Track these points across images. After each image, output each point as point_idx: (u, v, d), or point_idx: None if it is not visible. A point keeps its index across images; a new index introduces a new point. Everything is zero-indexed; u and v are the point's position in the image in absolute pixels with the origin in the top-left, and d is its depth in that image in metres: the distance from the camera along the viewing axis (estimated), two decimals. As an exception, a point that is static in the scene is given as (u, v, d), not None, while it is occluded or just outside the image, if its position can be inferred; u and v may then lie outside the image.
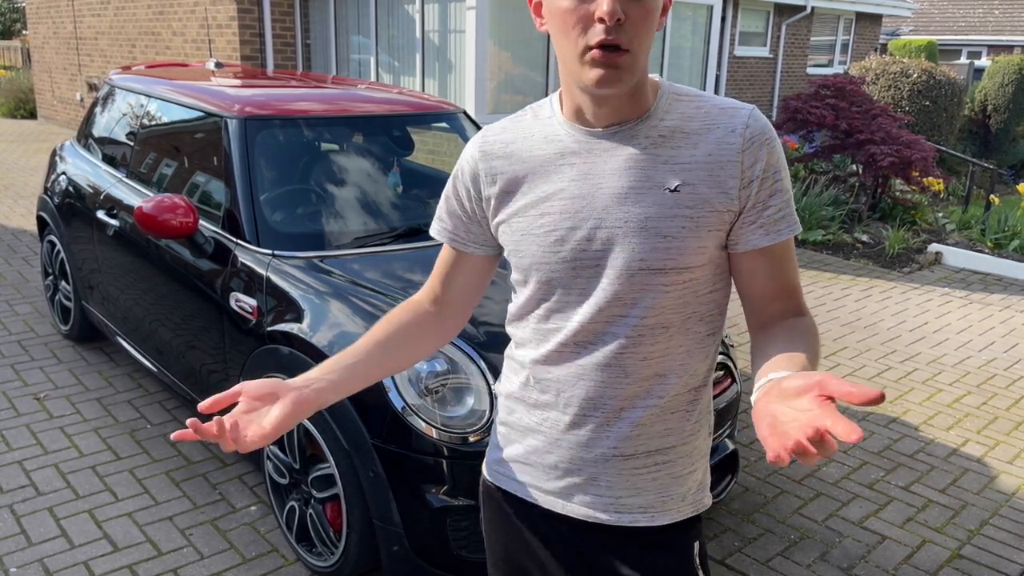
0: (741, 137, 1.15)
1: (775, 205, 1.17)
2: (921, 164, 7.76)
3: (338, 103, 3.45)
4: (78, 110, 12.69)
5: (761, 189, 1.16)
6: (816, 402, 0.91)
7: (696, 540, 1.33)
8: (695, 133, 1.17)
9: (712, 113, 1.18)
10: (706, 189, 1.15)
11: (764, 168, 1.15)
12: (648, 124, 1.18)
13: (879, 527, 3.11)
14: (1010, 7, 24.25)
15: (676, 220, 1.16)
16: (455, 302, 1.41)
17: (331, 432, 2.41)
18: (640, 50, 1.11)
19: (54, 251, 4.48)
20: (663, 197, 1.16)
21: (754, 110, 1.18)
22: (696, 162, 1.16)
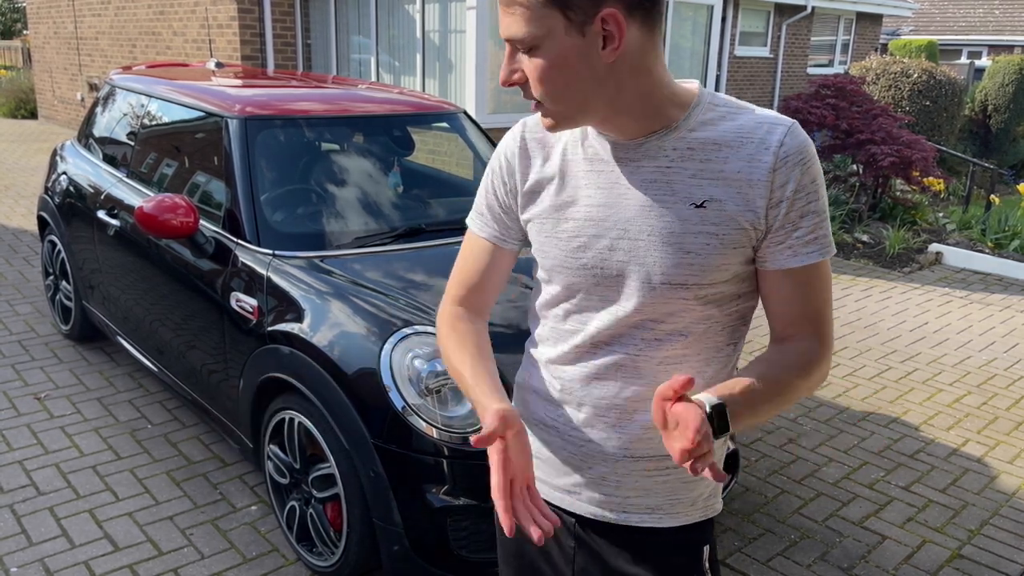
0: (774, 155, 1.11)
1: (805, 227, 1.13)
2: (921, 164, 7.76)
3: (339, 103, 3.45)
4: (79, 110, 12.69)
5: (791, 210, 1.12)
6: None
7: (706, 543, 1.32)
8: (727, 146, 1.13)
9: (747, 127, 1.13)
10: (733, 206, 1.12)
11: (796, 189, 1.11)
12: (676, 135, 1.14)
13: (879, 527, 3.11)
14: (1010, 7, 24.24)
15: (701, 236, 1.13)
16: (487, 302, 1.37)
17: (331, 432, 2.42)
18: (553, 100, 1.09)
19: (55, 251, 4.48)
20: (688, 212, 1.13)
21: (793, 126, 1.13)
22: (725, 177, 1.12)
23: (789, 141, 1.11)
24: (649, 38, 1.09)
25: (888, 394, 4.32)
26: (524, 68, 1.09)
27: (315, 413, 2.49)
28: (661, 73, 1.12)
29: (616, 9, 1.03)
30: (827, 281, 1.17)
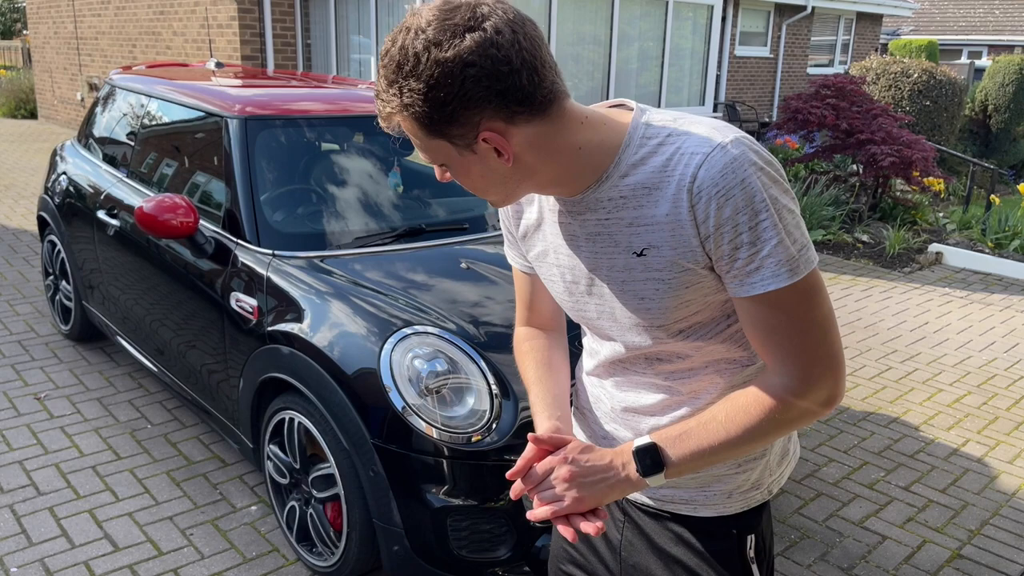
0: (688, 193, 1.06)
1: (743, 257, 1.06)
2: (922, 164, 7.76)
3: (339, 103, 3.45)
4: (78, 110, 12.69)
5: (720, 244, 1.06)
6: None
7: (751, 533, 1.32)
8: (655, 188, 1.09)
9: (672, 161, 1.08)
10: (671, 251, 1.10)
11: (716, 224, 1.05)
12: (608, 184, 1.13)
13: (879, 527, 3.11)
14: (1010, 7, 24.25)
15: (649, 283, 1.14)
16: (548, 318, 1.48)
17: (331, 432, 2.42)
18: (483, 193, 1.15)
19: (55, 251, 4.48)
20: (632, 262, 1.14)
21: (711, 154, 1.05)
22: (658, 223, 1.10)
23: (702, 174, 1.05)
24: (547, 123, 1.07)
25: (888, 394, 4.32)
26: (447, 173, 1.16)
27: (315, 413, 2.49)
28: (578, 137, 1.10)
29: (493, 126, 1.04)
30: (798, 311, 1.08)
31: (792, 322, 1.08)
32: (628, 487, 1.15)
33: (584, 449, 1.18)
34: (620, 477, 1.15)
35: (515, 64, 1.01)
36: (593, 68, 8.43)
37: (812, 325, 1.09)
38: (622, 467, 1.15)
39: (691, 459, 1.14)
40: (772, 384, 1.12)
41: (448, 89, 1.00)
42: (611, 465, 1.16)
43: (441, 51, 0.99)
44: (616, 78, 8.57)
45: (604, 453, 1.17)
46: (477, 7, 1.02)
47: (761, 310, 1.09)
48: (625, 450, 1.17)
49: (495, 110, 1.03)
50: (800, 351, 1.09)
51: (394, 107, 1.05)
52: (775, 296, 1.07)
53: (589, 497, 1.15)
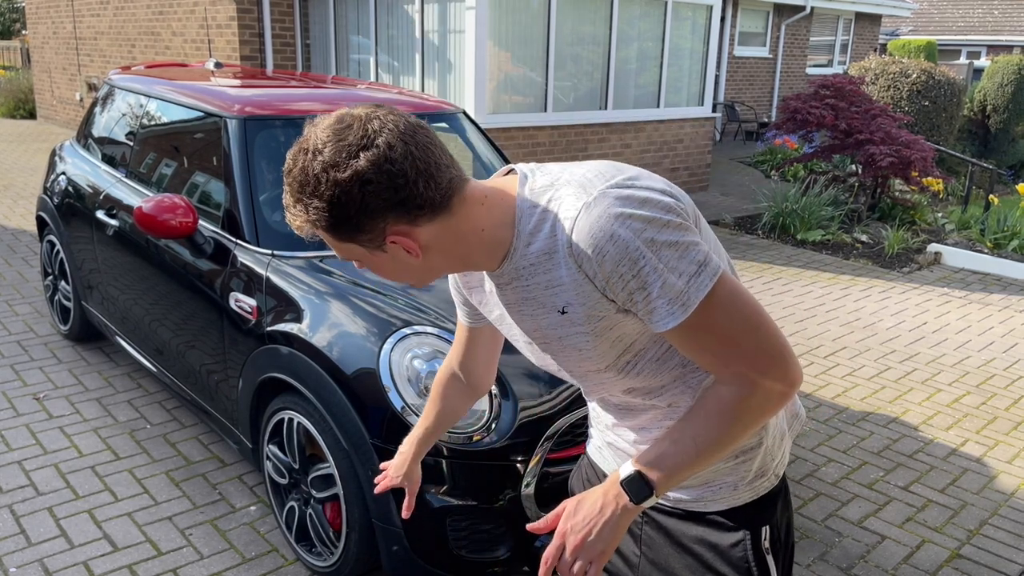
0: (572, 258, 1.12)
1: (640, 300, 1.10)
2: (920, 164, 7.77)
3: (338, 103, 3.45)
4: (78, 110, 12.69)
5: (617, 292, 1.11)
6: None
7: (765, 524, 1.36)
8: (552, 252, 1.14)
9: (555, 228, 1.13)
10: (582, 307, 1.16)
11: (604, 277, 1.10)
12: (518, 256, 1.18)
13: (879, 527, 3.11)
14: (1009, 7, 24.26)
15: (578, 336, 1.20)
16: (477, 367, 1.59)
17: (331, 432, 2.42)
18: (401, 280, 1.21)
19: (54, 251, 4.48)
20: (559, 319, 1.20)
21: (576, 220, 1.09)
22: (564, 283, 1.16)
23: (575, 239, 1.10)
24: (449, 216, 1.13)
25: (887, 394, 4.32)
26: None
27: (314, 413, 2.49)
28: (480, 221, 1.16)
29: (398, 229, 1.10)
30: (714, 329, 1.12)
31: (715, 339, 1.12)
32: (628, 517, 1.20)
33: (575, 510, 1.21)
34: (619, 512, 1.19)
35: (410, 176, 1.07)
36: (592, 68, 8.43)
37: (736, 333, 1.11)
38: (615, 502, 1.19)
39: (673, 476, 1.19)
40: (723, 394, 1.15)
41: (349, 205, 1.07)
42: (605, 505, 1.20)
43: (339, 172, 1.05)
44: (615, 78, 8.58)
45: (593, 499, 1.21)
46: (368, 123, 1.07)
47: (679, 340, 1.14)
48: (612, 485, 1.20)
49: (397, 216, 1.09)
50: (735, 359, 1.12)
51: (303, 220, 1.11)
52: (686, 326, 1.11)
53: (608, 545, 1.20)
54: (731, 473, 1.33)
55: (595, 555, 1.20)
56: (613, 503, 1.20)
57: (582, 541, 1.19)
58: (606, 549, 1.20)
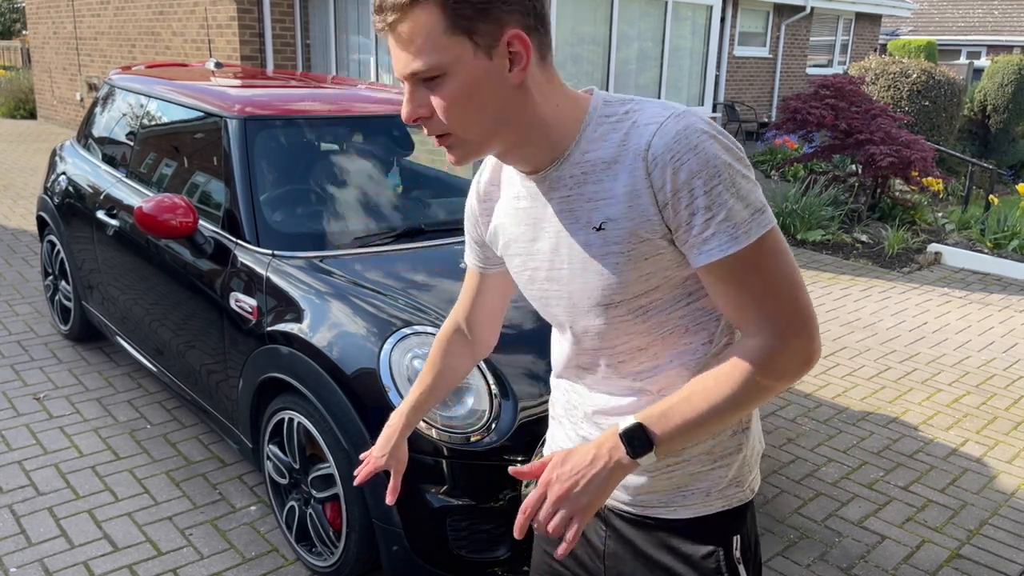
0: (644, 161, 1.09)
1: (698, 223, 1.08)
2: (920, 164, 7.77)
3: (338, 103, 3.45)
4: (78, 110, 12.69)
5: (678, 210, 1.09)
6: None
7: (736, 534, 1.30)
8: (614, 162, 1.12)
9: (630, 134, 1.11)
10: (628, 222, 1.12)
11: (673, 189, 1.07)
12: (571, 161, 1.15)
13: (879, 527, 3.11)
14: (1009, 7, 24.26)
15: (609, 257, 1.15)
16: (482, 319, 1.52)
17: (331, 432, 2.42)
18: (464, 129, 1.10)
19: (54, 251, 4.48)
20: (592, 237, 1.15)
21: (664, 123, 1.09)
22: (616, 195, 1.12)
23: (657, 142, 1.08)
24: (544, 63, 1.12)
25: (887, 394, 4.32)
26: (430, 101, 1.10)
27: (314, 413, 2.49)
28: (558, 96, 1.15)
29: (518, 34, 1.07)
30: (762, 272, 1.10)
31: (758, 283, 1.10)
32: (621, 473, 1.14)
33: (563, 460, 1.15)
34: (610, 466, 1.13)
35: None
36: (592, 68, 8.43)
37: (778, 284, 1.10)
38: (609, 455, 1.13)
39: (679, 433, 1.13)
40: (750, 347, 1.13)
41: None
42: (597, 457, 1.13)
43: None
44: (615, 78, 8.58)
45: (584, 450, 1.15)
46: None
47: (725, 275, 1.11)
48: (608, 437, 1.14)
49: (521, 18, 1.07)
50: (772, 310, 1.11)
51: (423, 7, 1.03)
52: (736, 260, 1.09)
53: (593, 499, 1.13)
54: (706, 478, 1.28)
55: (578, 509, 1.13)
56: (606, 456, 1.13)
57: (567, 491, 1.13)
58: (591, 504, 1.13)
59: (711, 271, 1.11)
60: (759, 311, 1.11)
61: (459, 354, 1.54)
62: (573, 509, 1.13)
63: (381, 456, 1.55)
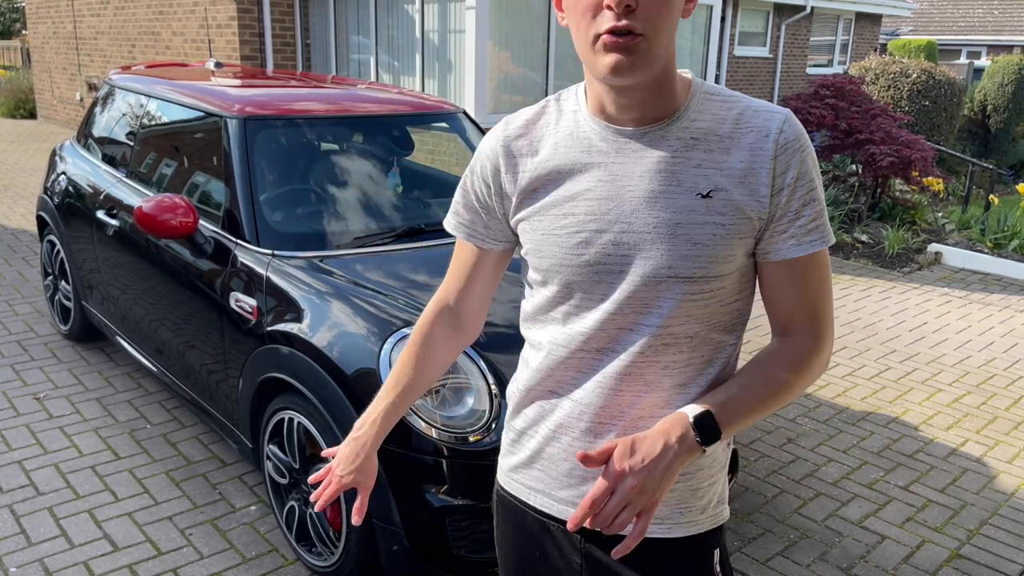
0: (775, 143, 1.12)
1: (808, 215, 1.13)
2: (921, 164, 7.77)
3: (338, 103, 3.45)
4: (78, 110, 12.69)
5: (792, 198, 1.12)
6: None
7: (716, 547, 1.29)
8: (728, 136, 1.13)
9: (746, 115, 1.14)
10: (738, 196, 1.12)
11: (796, 176, 1.12)
12: (680, 125, 1.14)
13: (879, 527, 3.11)
14: (1010, 7, 24.26)
15: (708, 227, 1.12)
16: (473, 303, 1.39)
17: (331, 432, 2.42)
18: (656, 36, 1.06)
19: (54, 251, 4.48)
20: (695, 203, 1.12)
21: (789, 115, 1.14)
22: (729, 167, 1.12)
23: (788, 129, 1.13)
24: None
25: (887, 394, 4.32)
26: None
27: (314, 413, 2.49)
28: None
29: None
30: (827, 271, 1.18)
31: (823, 282, 1.18)
32: (687, 460, 1.11)
33: (631, 449, 1.09)
34: (680, 452, 1.10)
35: None
36: (592, 68, 8.44)
37: (829, 289, 1.19)
38: (678, 444, 1.10)
39: (737, 423, 1.15)
40: (799, 343, 1.18)
41: None
42: (667, 447, 1.09)
43: None
44: (615, 78, 8.58)
45: (652, 439, 1.10)
46: None
47: (808, 269, 1.16)
48: (677, 423, 1.11)
49: None
50: (822, 309, 1.18)
51: None
52: (819, 257, 1.16)
53: (659, 493, 1.09)
54: (704, 494, 1.26)
55: (649, 503, 1.08)
56: (675, 445, 1.09)
57: (641, 483, 1.07)
58: (657, 498, 1.09)
59: (794, 265, 1.15)
60: (813, 309, 1.18)
61: (444, 344, 1.40)
62: (645, 503, 1.08)
63: (346, 474, 1.39)
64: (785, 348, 1.18)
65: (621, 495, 1.07)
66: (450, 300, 1.39)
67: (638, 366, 1.18)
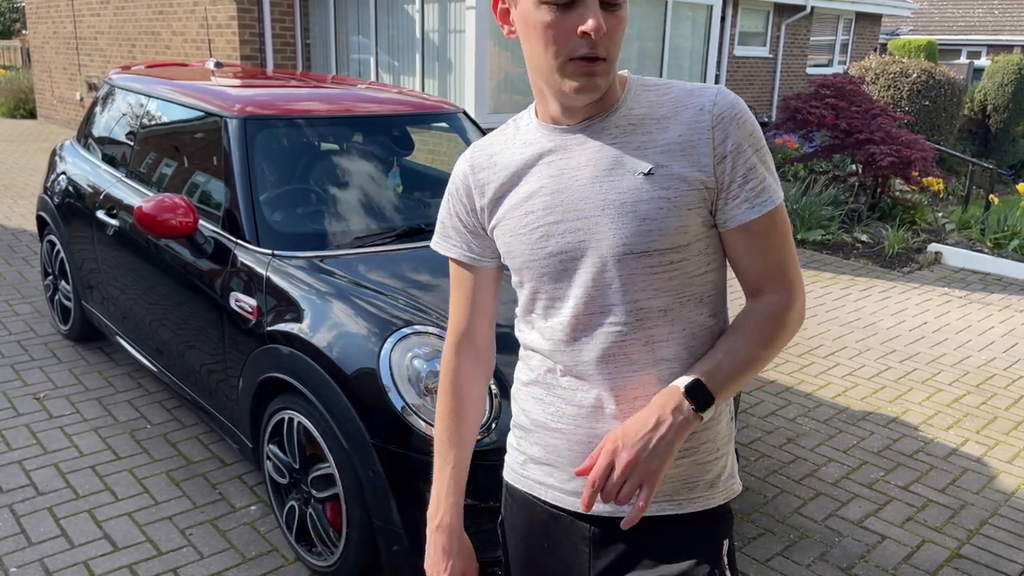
0: (710, 115, 1.18)
1: (756, 178, 1.19)
2: (921, 164, 7.76)
3: (338, 103, 3.45)
4: (78, 110, 12.68)
5: (737, 164, 1.18)
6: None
7: (726, 538, 1.30)
8: (664, 118, 1.20)
9: (680, 96, 1.21)
10: (679, 169, 1.17)
11: (736, 143, 1.17)
12: (618, 115, 1.21)
13: (879, 527, 3.11)
14: (1010, 7, 24.25)
15: (654, 202, 1.17)
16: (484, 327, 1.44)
17: (331, 432, 2.42)
18: (614, 57, 1.16)
19: (54, 251, 4.48)
20: (637, 181, 1.18)
21: (721, 89, 1.20)
22: (668, 143, 1.18)
23: (721, 100, 1.19)
24: None
25: (887, 394, 4.32)
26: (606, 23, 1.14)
27: (314, 413, 2.49)
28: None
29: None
30: (786, 227, 1.23)
31: (780, 243, 1.22)
32: (686, 430, 1.16)
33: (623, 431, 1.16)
34: (676, 423, 1.15)
35: None
36: (592, 68, 8.43)
37: (791, 246, 1.24)
38: (672, 416, 1.15)
39: (728, 387, 1.19)
40: (774, 301, 1.22)
41: None
42: (661, 420, 1.15)
43: None
44: (615, 78, 8.58)
45: (644, 416, 1.16)
46: None
47: (764, 230, 1.20)
48: (667, 398, 1.16)
49: None
50: (788, 265, 1.23)
51: None
52: (774, 215, 1.21)
53: (663, 463, 1.14)
54: (711, 468, 1.28)
55: (649, 474, 1.13)
56: (670, 417, 1.14)
57: (636, 456, 1.13)
58: (660, 468, 1.13)
59: (750, 228, 1.20)
60: (780, 268, 1.22)
61: (472, 377, 1.43)
62: (643, 475, 1.13)
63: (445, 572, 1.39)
64: (760, 307, 1.22)
65: (619, 470, 1.13)
66: (463, 329, 1.43)
67: (620, 346, 1.23)
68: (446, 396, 1.43)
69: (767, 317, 1.22)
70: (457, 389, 1.43)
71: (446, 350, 1.45)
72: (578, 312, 1.24)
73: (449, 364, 1.43)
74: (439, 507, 1.41)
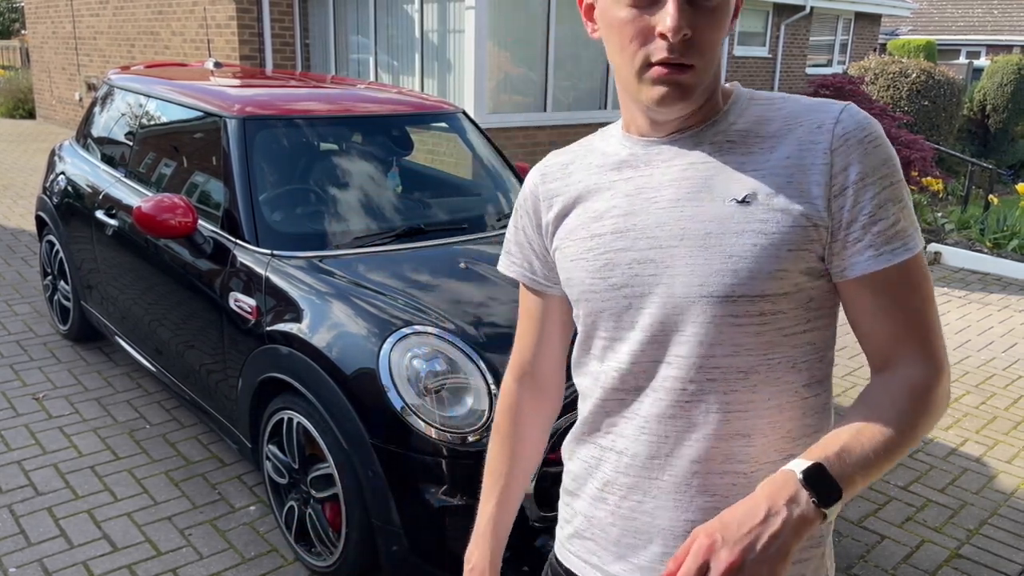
0: (830, 134, 0.95)
1: (886, 219, 0.94)
2: (920, 164, 7.77)
3: (337, 103, 3.45)
4: (77, 110, 12.68)
5: (861, 199, 0.94)
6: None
7: None
8: (772, 136, 0.99)
9: (796, 111, 0.99)
10: (784, 199, 0.95)
11: (862, 173, 0.94)
12: (716, 129, 1.02)
13: (878, 527, 3.11)
14: (1009, 7, 24.27)
15: (745, 236, 0.96)
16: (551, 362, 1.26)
17: (330, 432, 2.41)
18: (706, 67, 0.97)
19: (53, 251, 4.48)
20: (728, 210, 0.97)
21: (849, 105, 0.98)
22: (772, 167, 0.97)
23: (846, 118, 0.96)
24: None
25: (887, 394, 4.32)
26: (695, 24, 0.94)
27: (314, 413, 2.49)
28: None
29: None
30: (925, 283, 0.97)
31: (917, 303, 0.97)
32: (804, 529, 0.87)
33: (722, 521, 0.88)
34: (792, 520, 0.86)
35: None
36: (592, 68, 8.44)
37: (932, 308, 0.99)
38: (788, 509, 0.87)
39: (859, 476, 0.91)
40: (913, 374, 0.97)
41: None
42: (772, 512, 0.87)
43: None
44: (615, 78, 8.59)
45: (750, 504, 0.88)
46: None
47: (895, 285, 0.97)
48: (781, 485, 0.89)
49: None
50: (928, 330, 0.98)
51: None
52: (909, 267, 0.96)
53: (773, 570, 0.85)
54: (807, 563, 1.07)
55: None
56: (784, 510, 0.86)
57: (740, 558, 0.84)
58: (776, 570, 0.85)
59: (876, 281, 0.96)
60: (917, 334, 0.98)
61: (532, 414, 1.27)
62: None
63: None
64: (896, 383, 0.97)
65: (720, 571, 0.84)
66: (526, 359, 1.27)
67: (682, 407, 1.01)
68: (501, 429, 1.29)
69: (907, 395, 0.96)
70: (511, 423, 1.28)
71: (506, 378, 1.29)
72: (637, 359, 1.03)
73: (509, 395, 1.28)
74: (475, 548, 1.30)
